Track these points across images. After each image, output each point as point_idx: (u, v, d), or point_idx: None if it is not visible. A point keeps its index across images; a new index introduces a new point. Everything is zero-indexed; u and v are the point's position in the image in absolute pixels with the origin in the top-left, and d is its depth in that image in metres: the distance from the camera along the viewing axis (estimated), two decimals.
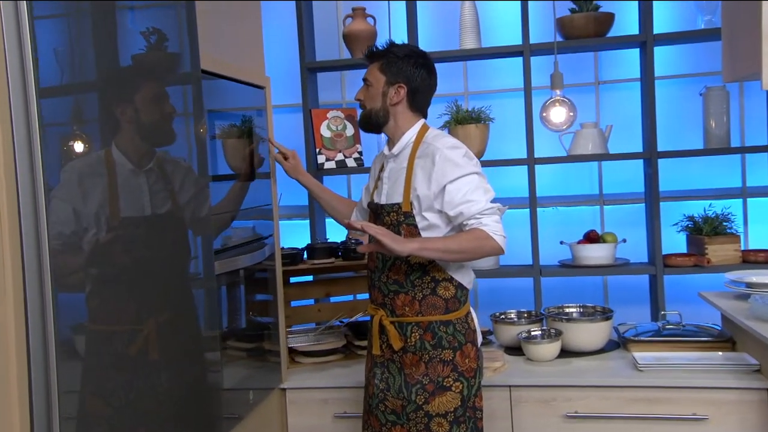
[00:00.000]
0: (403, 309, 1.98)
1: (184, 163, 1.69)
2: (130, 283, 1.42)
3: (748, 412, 2.13)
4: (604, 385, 2.24)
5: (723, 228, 3.13)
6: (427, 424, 1.94)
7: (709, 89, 3.12)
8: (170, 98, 1.62)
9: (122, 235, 1.39)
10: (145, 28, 1.53)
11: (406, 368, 1.98)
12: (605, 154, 3.16)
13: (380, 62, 2.03)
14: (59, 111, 1.26)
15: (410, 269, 1.96)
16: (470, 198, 1.89)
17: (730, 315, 2.31)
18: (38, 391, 1.18)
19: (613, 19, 3.15)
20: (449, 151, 1.93)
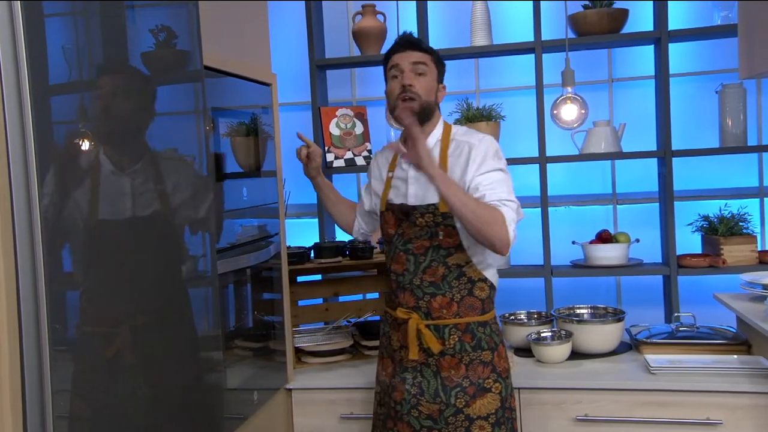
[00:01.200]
0: (440, 311, 1.92)
1: (180, 163, 1.66)
2: (121, 284, 1.39)
3: (763, 417, 2.08)
4: (615, 387, 2.20)
5: (739, 228, 3.08)
6: (468, 427, 1.89)
7: (725, 87, 3.06)
8: (157, 99, 1.58)
9: (105, 235, 1.35)
10: (96, 28, 1.49)
11: (443, 371, 1.92)
12: (618, 152, 3.12)
13: (432, 55, 1.97)
14: (56, 110, 1.24)
15: (447, 270, 1.92)
16: (496, 187, 1.85)
17: (746, 317, 2.26)
18: (32, 394, 1.17)
19: (627, 15, 3.11)
20: (485, 146, 1.91)
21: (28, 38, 1.14)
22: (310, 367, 2.50)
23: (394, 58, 1.97)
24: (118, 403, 1.38)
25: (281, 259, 2.33)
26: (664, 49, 3.04)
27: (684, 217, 3.21)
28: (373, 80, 3.67)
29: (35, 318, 1.16)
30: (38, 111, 1.16)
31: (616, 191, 3.48)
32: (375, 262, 2.64)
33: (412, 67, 1.92)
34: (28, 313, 1.15)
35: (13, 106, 1.14)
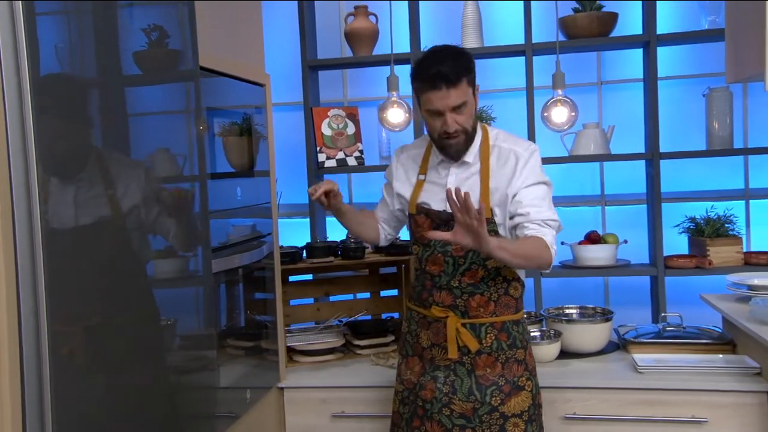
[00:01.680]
0: (477, 310, 1.93)
1: (170, 163, 1.65)
2: (113, 282, 1.40)
3: (747, 416, 2.12)
4: (604, 386, 2.23)
5: (725, 230, 3.12)
6: (502, 425, 1.90)
7: (712, 90, 3.11)
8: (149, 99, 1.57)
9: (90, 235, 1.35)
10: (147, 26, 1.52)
11: (478, 370, 1.93)
12: (607, 154, 3.16)
13: (467, 77, 1.85)
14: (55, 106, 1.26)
15: (486, 272, 1.92)
16: (540, 205, 1.86)
17: (731, 317, 2.30)
18: (31, 392, 1.18)
19: (616, 18, 3.15)
20: (533, 157, 1.91)
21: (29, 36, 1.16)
22: (301, 366, 2.51)
23: (431, 99, 1.84)
24: (112, 401, 1.39)
25: (274, 258, 2.35)
26: (653, 53, 3.08)
27: (671, 218, 3.25)
28: (365, 81, 3.69)
29: (35, 319, 1.17)
30: (38, 109, 1.17)
31: (604, 193, 3.52)
32: (367, 262, 2.66)
33: (451, 110, 1.84)
34: (27, 319, 1.16)
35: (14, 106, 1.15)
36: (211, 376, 1.82)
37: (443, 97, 1.82)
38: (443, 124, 1.86)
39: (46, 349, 1.18)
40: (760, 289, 2.41)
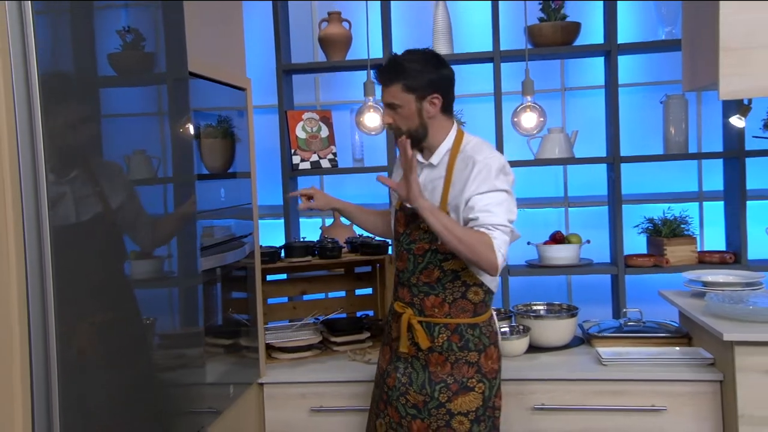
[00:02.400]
0: (432, 310, 2.00)
1: (146, 165, 1.67)
2: (107, 281, 1.44)
3: (702, 403, 2.26)
4: (570, 378, 2.34)
5: (681, 230, 3.29)
6: (448, 421, 1.98)
7: (669, 97, 3.27)
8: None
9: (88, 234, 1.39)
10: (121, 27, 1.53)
11: (431, 366, 2.01)
12: (571, 158, 3.29)
13: (401, 82, 1.95)
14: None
15: (443, 274, 1.98)
16: (492, 209, 1.89)
17: (687, 312, 2.44)
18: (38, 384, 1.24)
19: (579, 28, 3.28)
20: (487, 164, 1.92)
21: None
22: (280, 362, 2.57)
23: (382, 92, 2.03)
24: (112, 395, 1.45)
25: (254, 258, 2.40)
26: (614, 61, 3.22)
27: (631, 219, 3.40)
28: (337, 85, 3.76)
29: (42, 315, 1.22)
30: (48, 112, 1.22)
31: (567, 195, 3.66)
32: (343, 261, 2.73)
33: (387, 106, 2.00)
34: (36, 313, 1.21)
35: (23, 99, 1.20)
36: (199, 372, 1.88)
37: (384, 93, 2.01)
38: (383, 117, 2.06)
39: (53, 343, 1.23)
40: (714, 286, 2.56)
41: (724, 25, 2.22)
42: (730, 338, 2.11)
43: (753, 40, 2.22)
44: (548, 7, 3.27)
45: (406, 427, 2.03)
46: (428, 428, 2.00)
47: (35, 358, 1.23)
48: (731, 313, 2.25)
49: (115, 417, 1.46)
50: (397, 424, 2.05)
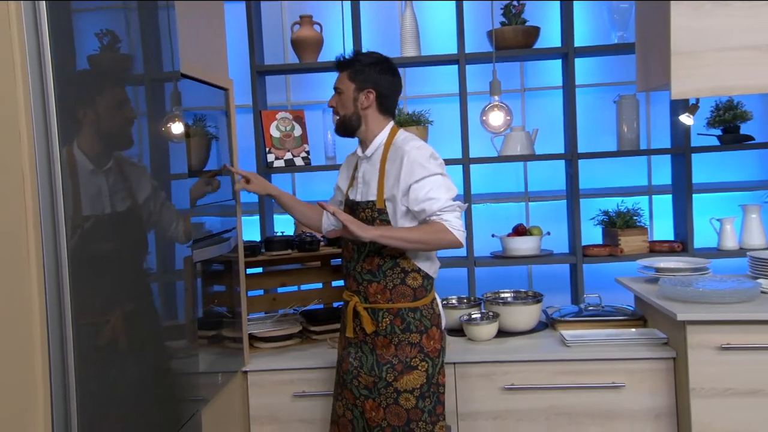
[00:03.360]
0: (375, 296, 2.12)
1: (140, 163, 1.70)
2: (111, 275, 1.49)
3: (658, 379, 2.40)
4: (537, 359, 2.46)
5: (633, 222, 3.44)
6: (396, 398, 2.10)
7: (622, 97, 3.42)
8: (130, 102, 1.63)
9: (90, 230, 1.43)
10: (100, 30, 1.52)
11: (377, 349, 2.13)
12: (532, 155, 3.42)
13: (349, 71, 2.15)
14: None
15: (382, 261, 2.10)
16: (432, 196, 2.03)
17: (643, 296, 2.59)
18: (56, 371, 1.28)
19: (538, 32, 3.41)
20: (416, 152, 2.07)
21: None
22: (263, 351, 2.63)
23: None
24: (115, 384, 1.49)
25: (238, 252, 2.45)
26: (571, 63, 3.36)
27: (587, 212, 3.55)
28: (308, 85, 3.82)
29: (59, 308, 1.27)
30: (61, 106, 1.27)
31: (528, 190, 3.80)
32: (321, 254, 2.80)
33: (334, 90, 2.19)
34: (53, 307, 1.26)
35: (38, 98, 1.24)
36: (193, 361, 1.93)
37: (336, 78, 2.20)
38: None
39: (70, 333, 1.28)
40: (666, 271, 2.72)
41: (675, 30, 2.37)
42: (683, 318, 2.26)
43: (702, 44, 2.37)
44: (509, 12, 3.39)
45: (360, 407, 2.16)
46: (379, 406, 2.11)
47: (53, 347, 1.28)
48: (683, 295, 2.40)
49: (125, 404, 1.51)
50: (353, 405, 2.18)
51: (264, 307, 2.90)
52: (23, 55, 1.22)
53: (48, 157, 1.26)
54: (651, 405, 2.40)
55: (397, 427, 2.10)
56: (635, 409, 2.40)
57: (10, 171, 1.22)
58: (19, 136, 1.21)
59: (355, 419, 2.18)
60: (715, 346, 2.24)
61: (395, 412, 2.10)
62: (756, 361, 2.23)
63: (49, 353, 1.28)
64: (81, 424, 1.32)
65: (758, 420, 2.24)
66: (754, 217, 3.33)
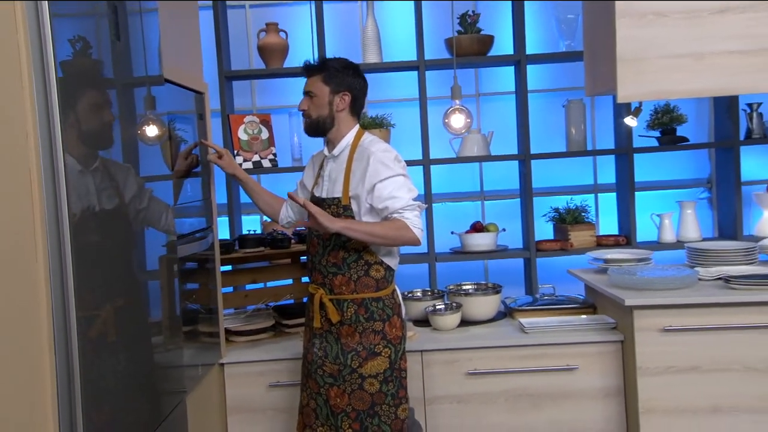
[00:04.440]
0: (340, 288, 2.19)
1: (123, 164, 1.73)
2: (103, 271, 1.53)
3: (607, 361, 2.56)
4: (498, 345, 2.58)
5: (582, 218, 3.62)
6: (360, 384, 2.18)
7: (570, 102, 3.59)
8: (111, 105, 1.65)
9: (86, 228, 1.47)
10: (74, 35, 1.52)
11: (342, 338, 2.20)
12: (488, 156, 3.55)
13: (321, 75, 2.21)
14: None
15: (347, 254, 2.18)
16: (395, 195, 2.13)
17: (593, 285, 2.75)
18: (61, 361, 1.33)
19: (492, 40, 3.55)
20: (381, 154, 2.16)
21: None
22: (238, 345, 2.68)
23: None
24: (113, 376, 1.54)
25: (214, 249, 2.50)
26: (523, 70, 3.51)
27: (539, 209, 3.70)
28: (274, 90, 3.87)
29: (62, 302, 1.31)
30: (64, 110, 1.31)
31: (484, 189, 3.93)
32: (292, 251, 2.86)
33: (305, 94, 2.24)
34: (57, 299, 1.30)
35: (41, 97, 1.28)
36: (178, 354, 1.98)
37: (306, 82, 2.25)
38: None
39: (74, 329, 1.33)
40: (613, 262, 2.88)
41: (620, 40, 2.53)
42: (630, 303, 2.41)
43: (645, 53, 2.54)
44: (465, 21, 3.51)
45: (324, 395, 2.22)
46: (344, 393, 2.18)
47: (58, 339, 1.33)
48: (629, 283, 2.56)
49: (121, 394, 1.56)
50: (317, 394, 2.24)
51: (237, 303, 2.94)
52: (29, 59, 1.26)
53: (51, 158, 1.30)
54: (602, 385, 2.55)
55: (362, 411, 2.17)
56: (587, 388, 2.55)
57: (19, 171, 1.26)
58: (26, 137, 1.25)
59: (319, 408, 2.23)
60: (658, 329, 2.41)
61: (359, 397, 2.17)
62: (694, 341, 2.40)
63: (55, 344, 1.32)
64: (85, 410, 1.36)
65: (697, 394, 2.41)
66: (690, 212, 3.54)
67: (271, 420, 2.58)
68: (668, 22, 2.49)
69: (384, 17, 3.70)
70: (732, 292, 2.42)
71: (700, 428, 2.40)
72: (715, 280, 2.60)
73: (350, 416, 2.18)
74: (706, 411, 2.40)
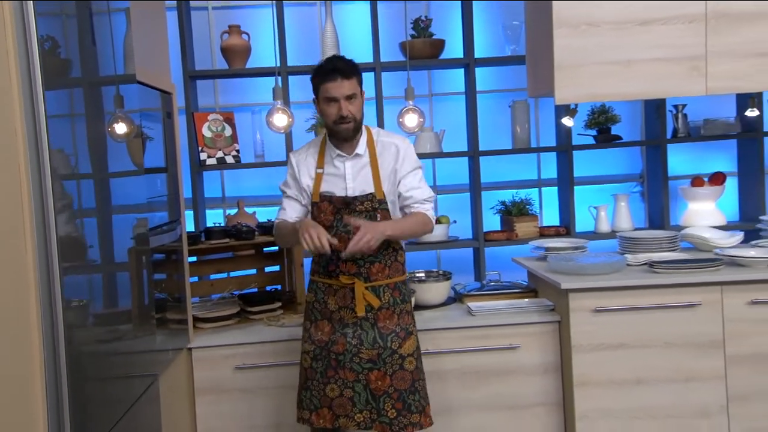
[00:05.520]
0: (377, 275, 2.27)
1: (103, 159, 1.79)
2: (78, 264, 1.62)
3: (546, 339, 2.73)
4: (447, 327, 2.72)
5: (526, 210, 3.80)
6: (401, 364, 2.26)
7: (515, 102, 3.77)
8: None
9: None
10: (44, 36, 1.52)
11: (380, 322, 2.25)
12: (440, 153, 3.71)
13: (356, 77, 2.18)
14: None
15: (381, 243, 2.21)
16: (421, 185, 2.29)
17: (534, 271, 2.93)
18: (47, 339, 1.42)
19: (443, 44, 3.70)
20: (407, 147, 2.30)
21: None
22: (205, 331, 2.77)
23: (329, 88, 2.15)
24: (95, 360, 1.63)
25: (182, 241, 2.58)
26: (472, 72, 3.67)
27: (488, 202, 3.88)
28: (236, 89, 3.94)
29: (49, 290, 1.41)
30: None
31: (437, 184, 4.09)
32: (257, 242, 2.96)
33: (345, 98, 2.16)
34: (44, 285, 1.39)
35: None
36: (151, 340, 2.07)
37: (339, 87, 2.16)
38: (339, 110, 2.17)
39: (59, 312, 1.42)
40: (552, 250, 3.07)
41: (558, 48, 2.71)
42: (566, 287, 2.60)
43: (579, 60, 2.73)
44: (418, 26, 3.65)
45: (363, 380, 2.24)
46: (385, 375, 2.24)
47: (45, 327, 1.42)
48: (566, 269, 2.75)
49: (99, 375, 1.66)
50: (354, 381, 2.25)
51: (204, 291, 3.03)
52: (16, 58, 1.34)
53: (38, 156, 1.39)
54: (541, 361, 2.73)
55: (403, 391, 2.23)
56: (528, 365, 2.73)
57: (10, 168, 1.34)
58: (15, 135, 1.33)
59: (357, 394, 2.24)
60: (591, 310, 2.60)
61: (401, 377, 2.24)
62: (622, 320, 2.60)
63: (42, 331, 1.41)
64: (71, 387, 1.46)
65: (623, 368, 2.61)
66: (623, 204, 3.76)
67: (237, 400, 2.69)
68: (600, 32, 2.69)
69: (342, 20, 3.81)
70: (655, 276, 2.63)
71: (626, 398, 2.61)
72: (642, 265, 2.81)
73: (392, 396, 2.22)
74: (631, 383, 2.60)
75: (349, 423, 2.27)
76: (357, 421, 2.26)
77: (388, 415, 2.24)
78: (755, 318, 2.57)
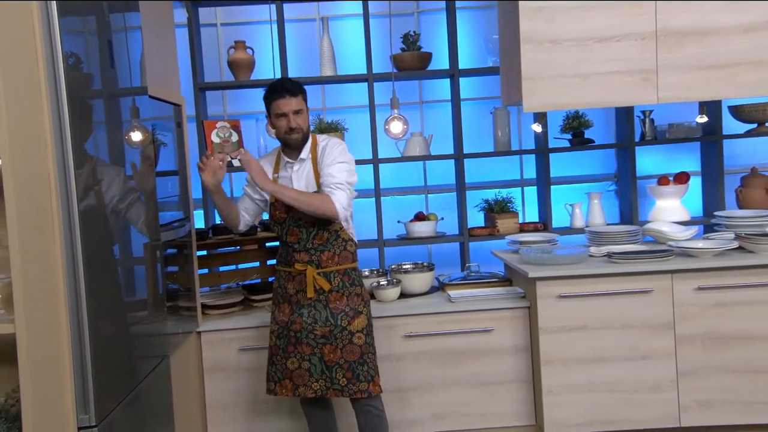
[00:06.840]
0: (327, 262, 2.49)
1: (113, 167, 1.96)
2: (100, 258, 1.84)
3: (517, 323, 2.94)
4: (429, 312, 2.94)
5: (508, 208, 3.99)
6: (350, 338, 2.48)
7: (497, 109, 3.97)
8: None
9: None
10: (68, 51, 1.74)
11: (331, 303, 2.48)
12: (428, 155, 3.91)
13: (302, 94, 2.47)
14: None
15: (329, 234, 2.48)
16: (334, 174, 2.44)
17: (508, 262, 3.13)
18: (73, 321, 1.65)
19: (431, 56, 3.90)
20: (337, 145, 2.50)
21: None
22: (212, 317, 3.00)
23: (279, 105, 2.44)
24: (113, 342, 1.86)
25: (191, 237, 2.80)
26: (456, 82, 3.87)
27: (472, 200, 4.07)
28: (242, 99, 4.17)
29: (74, 282, 1.63)
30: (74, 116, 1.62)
31: (427, 184, 4.29)
32: (258, 237, 3.19)
33: (293, 113, 2.44)
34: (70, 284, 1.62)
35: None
36: (163, 323, 2.29)
37: (287, 103, 2.43)
38: (288, 123, 2.44)
39: (84, 298, 1.64)
40: (526, 244, 3.27)
41: (524, 62, 2.91)
42: (533, 275, 2.80)
43: (544, 73, 2.93)
44: (408, 40, 3.86)
45: (318, 353, 2.48)
46: (336, 348, 2.48)
47: (71, 309, 1.64)
48: (535, 260, 2.95)
49: (120, 353, 1.88)
50: (310, 355, 2.48)
51: (212, 282, 3.25)
52: (45, 68, 1.56)
53: (63, 160, 1.61)
54: (512, 343, 2.94)
55: (353, 362, 2.46)
56: (501, 346, 2.93)
57: (41, 171, 1.57)
58: (45, 142, 1.56)
59: (313, 366, 2.46)
60: (556, 296, 2.80)
61: (350, 350, 2.47)
62: (582, 305, 2.80)
63: (69, 314, 1.64)
64: (94, 358, 1.68)
65: (585, 347, 2.81)
66: (596, 202, 3.95)
67: (241, 378, 2.91)
68: (561, 48, 2.88)
69: (338, 36, 4.03)
70: (614, 265, 2.83)
71: (587, 374, 2.81)
72: (603, 256, 3.01)
73: (343, 367, 2.45)
74: (592, 360, 2.80)
75: (307, 391, 2.49)
76: (314, 389, 2.48)
77: (340, 383, 2.46)
78: (702, 302, 2.77)
